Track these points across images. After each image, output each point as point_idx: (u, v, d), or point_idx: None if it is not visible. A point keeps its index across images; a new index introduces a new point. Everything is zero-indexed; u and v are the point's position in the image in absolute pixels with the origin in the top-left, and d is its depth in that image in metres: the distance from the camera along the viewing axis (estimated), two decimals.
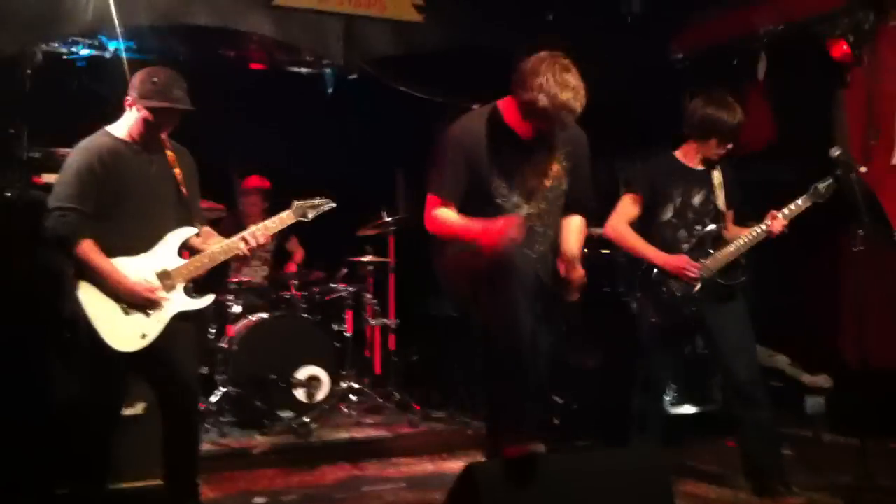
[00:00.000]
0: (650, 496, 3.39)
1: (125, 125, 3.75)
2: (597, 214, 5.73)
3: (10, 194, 4.73)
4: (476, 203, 3.53)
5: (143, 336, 3.61)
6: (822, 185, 4.28)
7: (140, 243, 3.68)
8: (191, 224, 3.82)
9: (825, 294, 6.00)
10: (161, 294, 3.65)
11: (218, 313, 5.78)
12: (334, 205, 4.02)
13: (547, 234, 3.62)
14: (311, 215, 3.96)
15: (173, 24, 5.52)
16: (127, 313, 3.59)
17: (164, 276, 3.68)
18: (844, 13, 5.54)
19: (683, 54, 6.51)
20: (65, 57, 5.94)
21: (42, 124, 5.14)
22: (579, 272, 3.60)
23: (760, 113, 6.01)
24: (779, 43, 5.90)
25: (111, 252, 3.60)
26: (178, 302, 3.71)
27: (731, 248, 4.35)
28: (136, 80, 3.70)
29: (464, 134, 3.57)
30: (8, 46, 4.89)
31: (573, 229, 3.73)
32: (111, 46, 5.77)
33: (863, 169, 4.64)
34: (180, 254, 3.78)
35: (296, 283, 6.13)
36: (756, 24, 5.99)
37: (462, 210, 3.54)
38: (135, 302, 3.60)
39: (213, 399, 5.52)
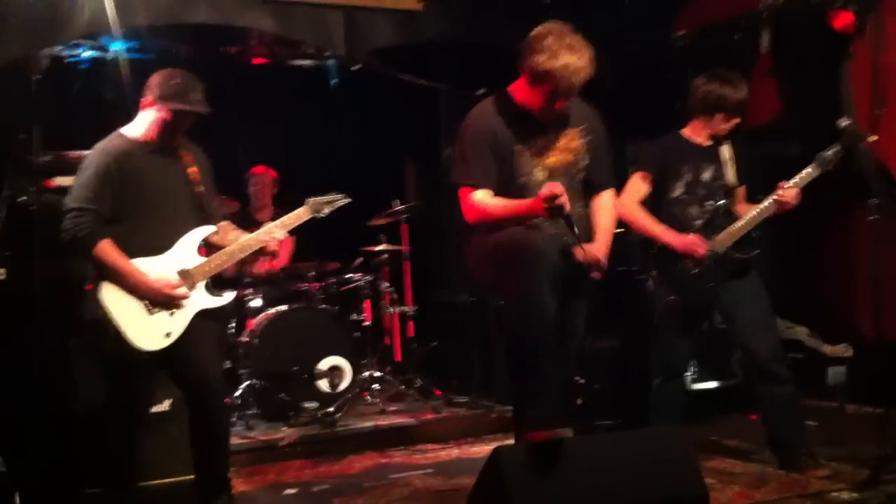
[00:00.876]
0: (676, 476, 3.40)
1: (140, 126, 3.77)
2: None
3: (23, 199, 4.73)
4: (502, 185, 3.58)
5: (168, 335, 3.64)
6: (827, 153, 4.25)
7: (159, 244, 3.70)
8: (208, 222, 3.85)
9: (840, 265, 5.99)
10: (182, 291, 3.67)
11: (237, 308, 5.80)
12: (349, 200, 4.05)
13: (573, 210, 3.59)
14: (325, 211, 3.99)
15: (173, 23, 5.52)
16: (150, 313, 3.62)
17: (184, 275, 3.70)
18: None
19: (686, 33, 6.47)
20: (67, 60, 5.95)
21: (50, 128, 5.16)
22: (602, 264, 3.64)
23: (765, 88, 5.99)
24: (781, 16, 5.86)
25: (131, 253, 3.62)
26: (199, 300, 3.74)
27: (742, 223, 4.34)
28: (154, 82, 3.72)
29: (480, 120, 3.62)
30: (13, 51, 4.90)
31: (605, 216, 3.76)
32: (112, 48, 5.77)
33: (872, 138, 4.60)
34: (199, 252, 3.80)
35: (312, 274, 6.14)
36: None
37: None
38: (157, 300, 3.62)
39: (238, 393, 5.55)
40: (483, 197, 3.56)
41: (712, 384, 5.61)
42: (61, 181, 4.64)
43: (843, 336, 5.74)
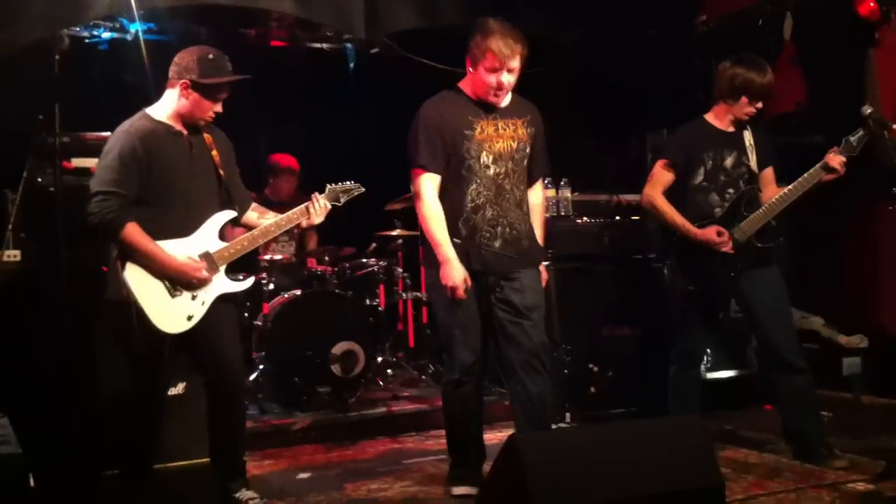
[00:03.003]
0: (693, 465, 3.39)
1: (168, 107, 3.74)
2: (628, 182, 5.72)
3: (41, 180, 4.74)
4: (452, 167, 3.90)
5: (189, 318, 3.64)
6: (853, 138, 4.22)
7: (182, 227, 3.69)
8: (230, 206, 3.84)
9: (858, 255, 5.95)
10: (207, 273, 3.67)
11: (252, 291, 5.78)
12: (364, 189, 4.13)
13: (514, 193, 3.97)
14: (343, 199, 4.05)
15: (193, 5, 5.50)
16: (173, 295, 3.62)
17: (206, 258, 3.70)
18: None
19: (708, 20, 6.42)
20: (87, 41, 5.94)
21: (69, 109, 5.16)
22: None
23: (789, 75, 5.94)
24: (805, 3, 5.82)
25: (157, 236, 3.61)
26: (220, 284, 3.74)
27: (764, 210, 4.31)
28: (188, 62, 3.67)
29: (431, 109, 3.96)
30: (36, 32, 4.88)
31: (538, 220, 4.14)
32: (132, 29, 5.76)
33: (895, 126, 4.57)
34: (221, 236, 3.80)
35: (326, 259, 6.14)
36: None
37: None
38: (183, 281, 3.62)
39: (252, 377, 5.58)
40: (426, 185, 3.89)
41: (727, 374, 5.59)
42: (80, 162, 4.65)
43: (859, 326, 5.71)
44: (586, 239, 5.56)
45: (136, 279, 3.57)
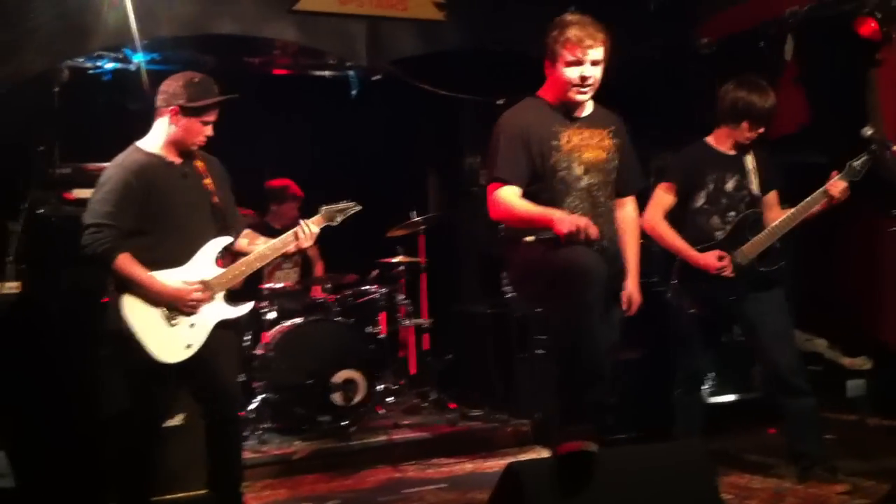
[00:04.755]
0: (695, 490, 3.36)
1: (158, 139, 3.76)
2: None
3: (42, 211, 4.76)
4: (541, 179, 3.64)
5: (188, 346, 3.63)
6: (857, 163, 4.23)
7: (179, 255, 3.69)
8: (226, 233, 3.84)
9: (861, 275, 5.93)
10: (202, 295, 3.66)
11: (253, 320, 5.77)
12: (360, 208, 4.08)
13: (608, 206, 3.75)
14: (338, 219, 4.01)
15: (196, 35, 5.53)
16: (171, 325, 3.61)
17: (203, 285, 3.69)
18: None
19: (710, 41, 6.44)
20: (90, 72, 5.98)
21: (70, 140, 5.18)
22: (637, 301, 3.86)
23: (791, 96, 5.95)
24: (806, 24, 5.83)
25: (151, 266, 3.61)
26: (218, 310, 3.73)
27: (765, 233, 4.31)
28: (175, 88, 3.69)
29: (515, 118, 3.71)
30: (36, 64, 4.92)
31: (632, 240, 3.87)
32: (135, 59, 5.80)
33: None
34: (217, 263, 3.79)
35: (328, 286, 6.13)
36: (782, 6, 5.92)
37: (528, 188, 3.63)
38: (181, 307, 3.62)
39: (252, 406, 5.54)
40: (509, 195, 3.59)
41: (731, 397, 5.55)
42: (80, 193, 4.67)
43: (863, 348, 5.68)
44: None
45: (133, 310, 3.57)
